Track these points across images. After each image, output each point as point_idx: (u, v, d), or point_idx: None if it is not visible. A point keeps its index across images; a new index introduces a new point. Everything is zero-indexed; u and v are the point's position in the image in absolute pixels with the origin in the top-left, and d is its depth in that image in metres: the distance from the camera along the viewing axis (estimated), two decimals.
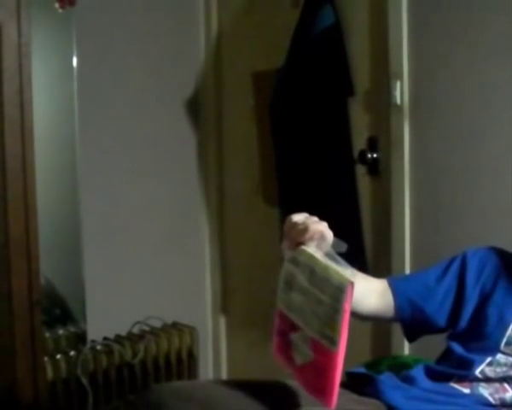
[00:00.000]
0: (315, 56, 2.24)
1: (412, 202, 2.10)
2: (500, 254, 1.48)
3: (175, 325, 2.62)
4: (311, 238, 1.17)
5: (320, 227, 1.17)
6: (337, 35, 2.21)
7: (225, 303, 2.86)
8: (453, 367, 1.35)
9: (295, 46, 2.29)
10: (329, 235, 1.18)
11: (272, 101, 2.39)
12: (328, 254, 1.16)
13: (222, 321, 2.87)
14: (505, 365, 1.32)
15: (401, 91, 2.08)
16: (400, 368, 1.58)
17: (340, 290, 1.09)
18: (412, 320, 1.46)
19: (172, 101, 2.72)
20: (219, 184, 2.82)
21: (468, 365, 1.33)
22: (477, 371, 1.32)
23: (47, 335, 2.26)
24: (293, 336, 1.17)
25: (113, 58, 2.51)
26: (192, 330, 2.61)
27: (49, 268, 2.24)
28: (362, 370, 1.45)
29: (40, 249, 1.97)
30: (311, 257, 1.16)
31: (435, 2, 2.02)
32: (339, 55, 2.22)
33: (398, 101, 2.09)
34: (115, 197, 2.54)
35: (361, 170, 2.23)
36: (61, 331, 2.37)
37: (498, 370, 1.32)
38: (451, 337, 1.44)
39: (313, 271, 1.14)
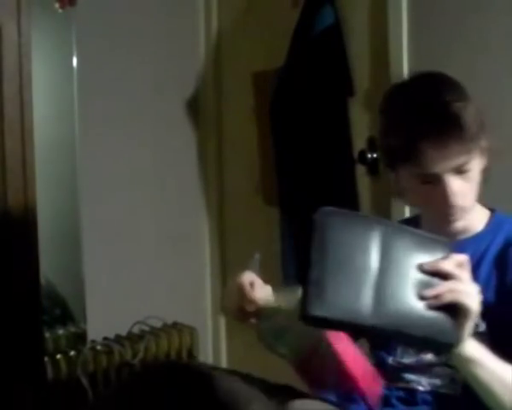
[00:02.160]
0: (315, 56, 2.24)
1: None
2: None
3: (175, 325, 2.62)
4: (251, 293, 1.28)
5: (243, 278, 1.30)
6: (337, 35, 2.22)
7: None
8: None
9: (295, 46, 2.29)
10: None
11: (272, 101, 2.39)
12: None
13: (222, 321, 2.87)
14: (407, 352, 1.35)
15: None
16: None
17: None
18: None
19: (172, 101, 2.72)
20: (219, 184, 2.82)
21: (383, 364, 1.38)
22: (391, 361, 1.37)
23: (47, 335, 2.26)
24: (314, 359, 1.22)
25: (113, 58, 2.51)
26: (192, 330, 2.60)
27: (49, 268, 2.24)
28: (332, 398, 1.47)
29: (40, 249, 1.97)
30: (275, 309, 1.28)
31: (435, 2, 2.02)
32: (339, 55, 2.22)
33: None
34: (115, 197, 2.54)
35: (361, 170, 2.23)
36: (61, 331, 2.37)
37: (407, 360, 1.36)
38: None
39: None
